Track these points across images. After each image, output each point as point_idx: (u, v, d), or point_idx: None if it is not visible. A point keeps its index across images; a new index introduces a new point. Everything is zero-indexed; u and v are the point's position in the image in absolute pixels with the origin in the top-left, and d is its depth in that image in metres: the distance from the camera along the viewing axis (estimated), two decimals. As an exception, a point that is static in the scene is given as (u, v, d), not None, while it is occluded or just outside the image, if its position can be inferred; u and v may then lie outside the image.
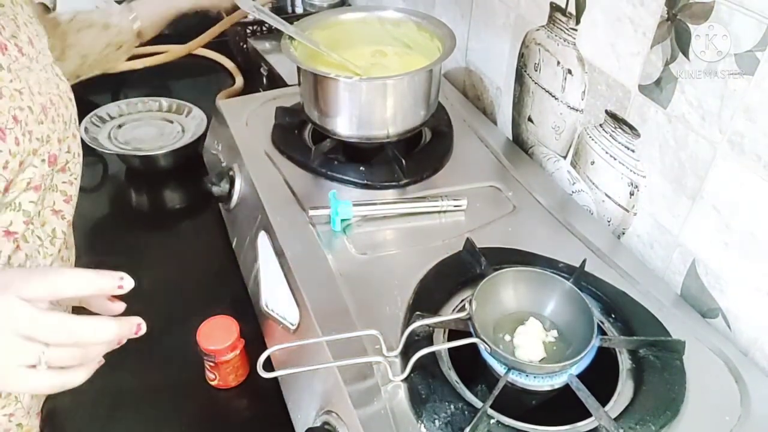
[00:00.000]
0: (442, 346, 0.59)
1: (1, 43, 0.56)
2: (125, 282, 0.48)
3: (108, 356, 0.76)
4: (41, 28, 0.64)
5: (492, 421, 0.53)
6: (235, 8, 1.02)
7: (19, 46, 0.58)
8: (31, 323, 0.43)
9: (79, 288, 0.46)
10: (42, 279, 0.45)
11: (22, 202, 0.57)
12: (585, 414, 0.54)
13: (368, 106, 0.82)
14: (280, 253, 0.73)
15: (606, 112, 0.76)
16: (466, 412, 0.54)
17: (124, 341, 0.49)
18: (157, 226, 0.99)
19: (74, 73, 0.94)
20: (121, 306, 0.52)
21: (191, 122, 1.11)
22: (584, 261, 0.67)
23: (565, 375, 0.56)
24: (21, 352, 0.44)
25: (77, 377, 0.47)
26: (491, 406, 0.54)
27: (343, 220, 0.75)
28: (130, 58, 1.30)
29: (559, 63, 0.83)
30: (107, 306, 0.52)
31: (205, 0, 1.02)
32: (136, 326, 0.49)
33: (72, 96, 0.65)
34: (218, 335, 0.70)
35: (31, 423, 0.67)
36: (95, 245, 0.93)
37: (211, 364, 0.71)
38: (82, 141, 1.01)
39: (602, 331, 0.63)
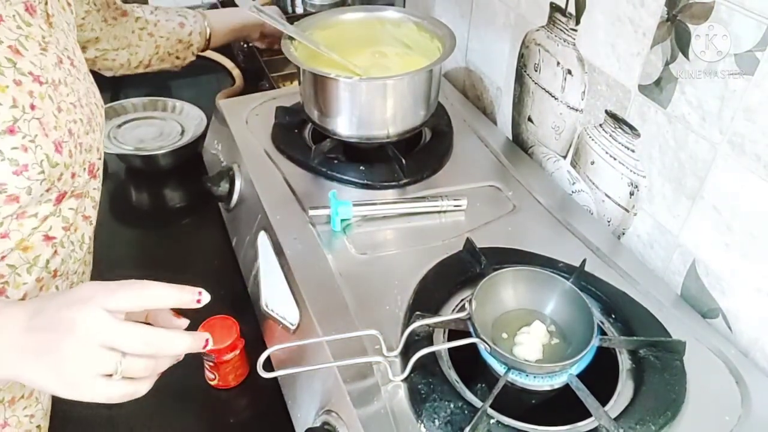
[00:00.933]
0: (442, 346, 0.59)
1: (57, 56, 0.57)
2: (203, 297, 0.50)
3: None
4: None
5: (492, 420, 0.53)
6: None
7: (71, 58, 0.59)
8: (113, 334, 0.45)
9: (163, 301, 0.48)
10: (127, 291, 0.46)
11: (63, 208, 0.58)
12: (585, 414, 0.54)
13: (368, 106, 0.82)
14: (280, 253, 0.73)
15: (606, 112, 0.76)
16: (466, 412, 0.54)
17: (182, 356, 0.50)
18: (157, 225, 0.99)
19: (144, 62, 1.02)
20: (186, 321, 0.53)
21: (191, 122, 1.11)
22: (584, 261, 0.67)
23: (565, 375, 0.56)
24: (100, 361, 0.45)
25: (144, 387, 0.49)
26: (491, 406, 0.54)
27: (343, 220, 0.75)
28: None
29: (559, 63, 0.83)
30: (173, 321, 0.53)
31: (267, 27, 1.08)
32: (205, 341, 0.50)
33: (102, 103, 0.67)
34: (218, 335, 0.70)
35: (46, 424, 0.67)
36: (95, 245, 0.93)
37: (211, 364, 0.71)
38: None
39: (602, 331, 0.63)
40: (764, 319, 0.63)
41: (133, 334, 0.46)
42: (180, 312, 0.52)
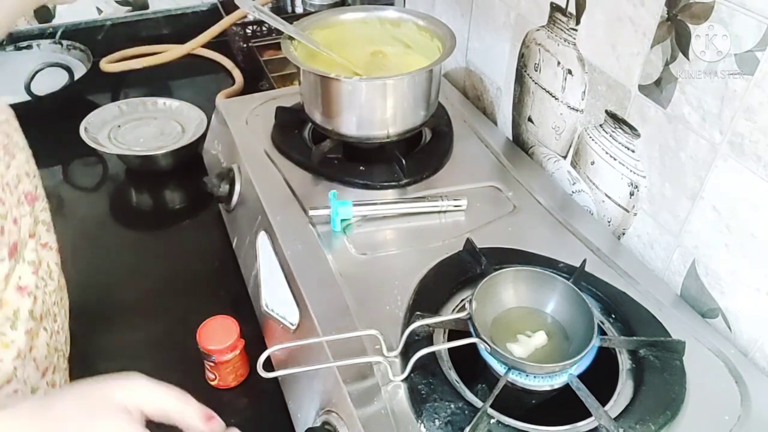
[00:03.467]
0: (442, 346, 0.59)
1: None
2: None
3: (107, 355, 0.77)
4: None
5: (492, 420, 0.53)
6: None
7: None
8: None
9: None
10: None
11: (23, 254, 0.55)
12: (585, 414, 0.54)
13: (368, 106, 0.82)
14: (280, 253, 0.73)
15: (606, 112, 0.76)
16: (466, 412, 0.54)
17: None
18: (157, 226, 0.99)
19: None
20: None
21: (191, 122, 1.11)
22: (584, 261, 0.67)
23: (565, 375, 0.56)
24: None
25: None
26: (491, 406, 0.54)
27: (343, 220, 0.75)
28: (130, 58, 1.31)
29: (559, 63, 0.83)
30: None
31: None
32: None
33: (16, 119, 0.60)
34: (218, 335, 0.70)
35: None
36: (96, 245, 0.93)
37: (211, 364, 0.71)
38: (83, 141, 1.02)
39: (602, 331, 0.63)
40: (764, 319, 0.63)
41: None
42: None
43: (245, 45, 1.30)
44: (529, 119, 0.92)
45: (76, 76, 1.18)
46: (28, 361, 0.56)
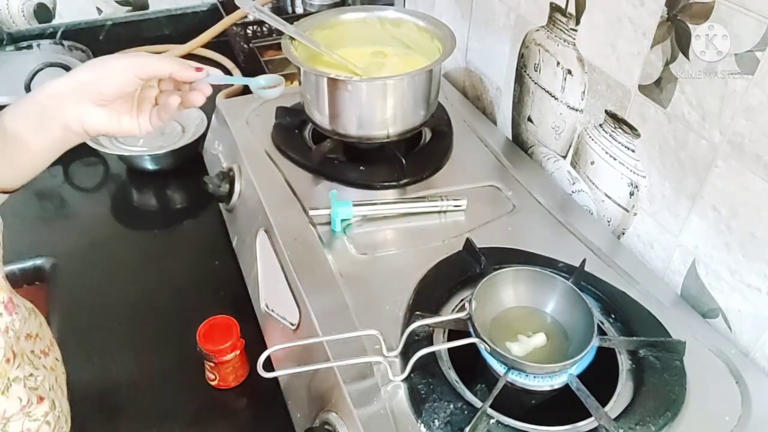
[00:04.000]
0: (442, 346, 0.59)
1: None
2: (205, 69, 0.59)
3: (108, 356, 0.77)
4: None
5: (492, 420, 0.53)
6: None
7: None
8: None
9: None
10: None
11: None
12: (585, 414, 0.54)
13: (368, 106, 0.82)
14: (280, 253, 0.73)
15: (606, 112, 0.76)
16: (465, 412, 0.54)
17: None
18: (157, 226, 0.99)
19: None
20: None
21: (191, 122, 1.11)
22: (584, 261, 0.67)
23: (565, 375, 0.56)
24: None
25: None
26: (491, 406, 0.54)
27: (343, 220, 0.75)
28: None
29: (559, 63, 0.83)
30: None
31: None
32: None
33: None
34: (218, 335, 0.70)
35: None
36: (96, 245, 0.93)
37: (211, 364, 0.71)
38: (84, 141, 1.02)
39: (602, 331, 0.63)
40: (764, 319, 0.63)
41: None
42: None
43: (246, 45, 1.30)
44: (529, 119, 0.92)
45: (77, 77, 1.18)
46: None
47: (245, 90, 1.23)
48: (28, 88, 1.10)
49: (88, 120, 0.55)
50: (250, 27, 1.30)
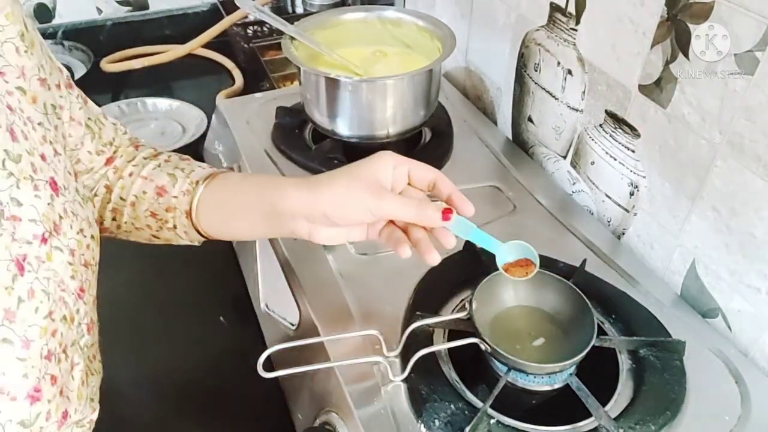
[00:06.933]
0: (442, 346, 0.59)
1: None
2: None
3: (107, 355, 0.76)
4: None
5: (492, 420, 0.53)
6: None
7: None
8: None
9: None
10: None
11: None
12: (585, 414, 0.54)
13: (368, 106, 0.82)
14: (280, 253, 0.73)
15: (606, 112, 0.76)
16: (466, 412, 0.54)
17: None
18: (157, 226, 0.99)
19: None
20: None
21: (191, 122, 1.11)
22: (584, 261, 0.67)
23: (565, 375, 0.56)
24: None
25: None
26: (491, 406, 0.54)
27: (343, 220, 0.75)
28: (130, 58, 1.31)
29: (559, 63, 0.83)
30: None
31: None
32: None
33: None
34: None
35: None
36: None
37: None
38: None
39: (602, 331, 0.63)
40: (764, 319, 0.63)
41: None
42: None
43: (246, 45, 1.30)
44: (529, 119, 0.92)
45: (77, 76, 1.18)
46: None
47: (245, 90, 1.23)
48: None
49: (317, 235, 0.54)
50: (251, 27, 1.30)
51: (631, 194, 0.76)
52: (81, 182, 0.56)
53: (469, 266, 0.69)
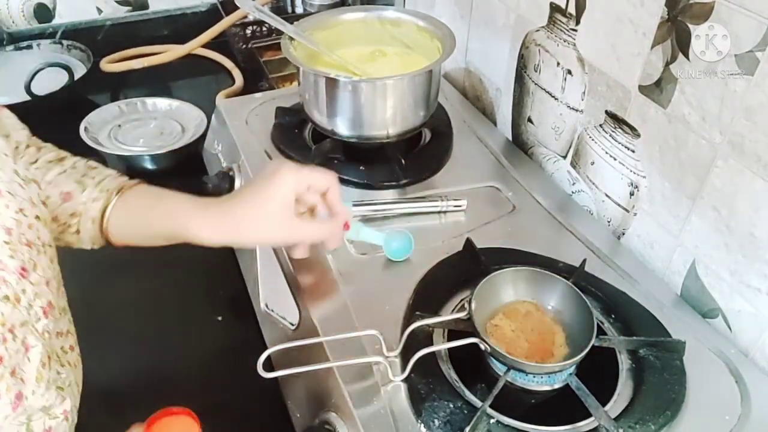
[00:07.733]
0: (442, 346, 0.59)
1: None
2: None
3: (106, 355, 0.76)
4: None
5: (492, 420, 0.53)
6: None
7: None
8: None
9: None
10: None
11: None
12: (585, 414, 0.54)
13: (368, 107, 0.82)
14: (279, 253, 0.73)
15: (606, 112, 0.76)
16: (465, 412, 0.54)
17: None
18: (156, 226, 0.99)
19: None
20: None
21: (191, 122, 1.11)
22: (584, 261, 0.67)
23: (565, 375, 0.56)
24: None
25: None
26: (491, 406, 0.54)
27: (343, 220, 0.75)
28: (130, 58, 1.31)
29: (559, 64, 0.83)
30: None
31: None
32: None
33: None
34: None
35: None
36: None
37: None
38: (83, 141, 1.02)
39: (602, 331, 0.63)
40: (764, 319, 0.63)
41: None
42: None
43: (245, 46, 1.30)
44: (529, 120, 0.92)
45: (76, 76, 1.18)
46: None
47: (245, 90, 1.23)
48: (28, 88, 1.10)
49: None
50: (250, 27, 1.30)
51: (631, 194, 0.76)
52: (22, 165, 0.55)
53: (469, 266, 0.69)
